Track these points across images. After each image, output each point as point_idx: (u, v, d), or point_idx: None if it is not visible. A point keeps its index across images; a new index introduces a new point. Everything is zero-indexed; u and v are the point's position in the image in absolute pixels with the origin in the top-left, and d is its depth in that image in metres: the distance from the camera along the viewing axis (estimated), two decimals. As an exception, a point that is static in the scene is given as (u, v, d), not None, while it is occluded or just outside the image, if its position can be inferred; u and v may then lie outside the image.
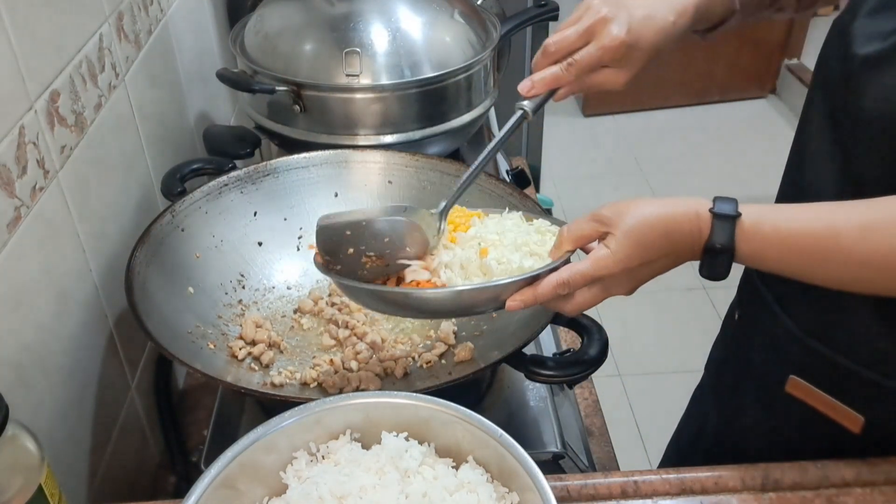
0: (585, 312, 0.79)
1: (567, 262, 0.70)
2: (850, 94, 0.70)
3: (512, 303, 0.69)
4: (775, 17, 0.93)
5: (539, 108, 0.79)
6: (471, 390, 0.92)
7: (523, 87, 0.78)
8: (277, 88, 1.13)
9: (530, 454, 0.60)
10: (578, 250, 0.72)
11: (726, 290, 0.99)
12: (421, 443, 0.66)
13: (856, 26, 0.71)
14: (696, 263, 0.69)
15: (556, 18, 1.55)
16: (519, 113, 0.77)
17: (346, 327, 0.94)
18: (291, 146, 1.17)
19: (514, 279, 0.69)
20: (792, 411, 0.84)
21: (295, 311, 0.97)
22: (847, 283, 0.67)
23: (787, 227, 0.65)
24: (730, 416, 0.98)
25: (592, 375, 0.77)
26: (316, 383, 0.87)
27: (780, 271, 0.68)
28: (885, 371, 0.75)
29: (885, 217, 0.63)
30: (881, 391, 0.76)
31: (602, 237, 0.68)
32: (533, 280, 0.69)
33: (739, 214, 0.66)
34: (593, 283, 0.69)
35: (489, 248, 0.73)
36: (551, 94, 0.79)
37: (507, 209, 0.80)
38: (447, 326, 0.93)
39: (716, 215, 0.66)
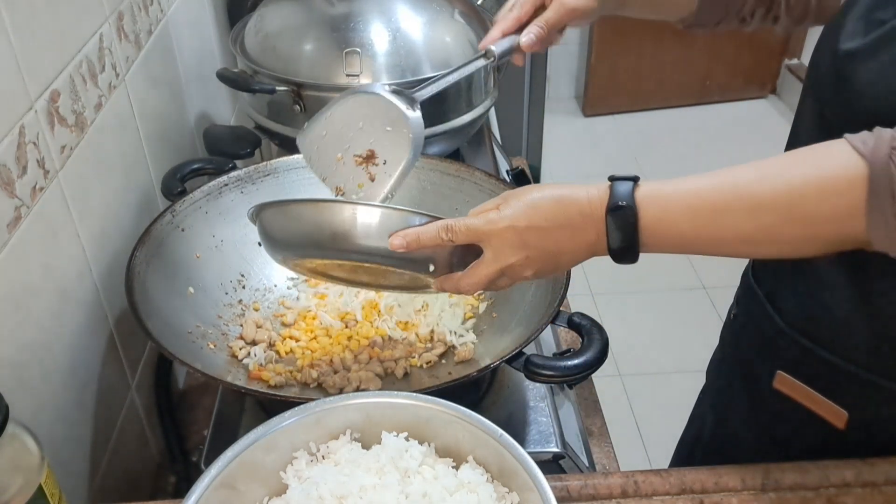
0: (585, 312, 0.79)
1: None
2: (838, 90, 0.71)
3: (395, 239, 0.68)
4: (748, 28, 0.93)
5: (502, 58, 0.84)
6: (471, 390, 0.92)
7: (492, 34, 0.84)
8: (277, 88, 1.13)
9: (530, 454, 0.60)
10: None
11: (726, 291, 0.99)
12: (421, 443, 0.66)
13: (845, 26, 0.72)
14: (695, 264, 0.68)
15: (556, 18, 1.55)
16: (485, 52, 0.83)
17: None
18: (291, 146, 1.17)
19: (405, 209, 0.68)
20: (780, 408, 0.85)
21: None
22: (753, 239, 0.65)
23: (686, 187, 0.65)
24: (723, 416, 0.99)
25: (592, 375, 0.76)
26: (316, 383, 0.87)
27: (688, 238, 0.66)
28: (866, 365, 0.76)
29: (779, 160, 0.63)
30: (863, 385, 0.77)
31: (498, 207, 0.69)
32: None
33: (638, 178, 0.66)
34: (486, 248, 0.68)
35: None
36: (511, 52, 0.84)
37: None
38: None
39: (614, 179, 0.66)
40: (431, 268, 0.70)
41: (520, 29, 0.85)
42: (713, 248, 0.67)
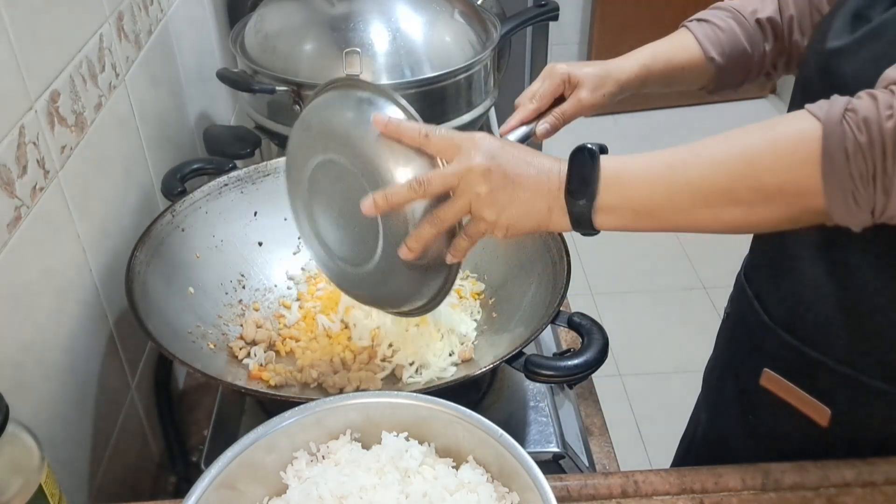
0: (585, 312, 0.79)
1: None
2: (823, 86, 0.71)
3: (366, 200, 0.70)
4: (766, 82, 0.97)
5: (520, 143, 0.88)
6: (471, 390, 0.92)
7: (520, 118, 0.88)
8: (277, 88, 1.13)
9: (530, 454, 0.60)
10: None
11: (726, 291, 0.99)
12: (421, 443, 0.66)
13: (833, 26, 0.73)
14: (695, 264, 0.69)
15: (555, 18, 1.55)
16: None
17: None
18: (291, 146, 1.17)
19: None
20: (766, 405, 0.86)
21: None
22: (709, 200, 0.64)
23: (643, 156, 0.67)
24: (715, 414, 1.00)
25: (592, 375, 0.77)
26: (316, 383, 0.87)
27: (645, 197, 0.66)
28: (848, 362, 0.77)
29: (740, 129, 0.64)
30: (846, 383, 0.78)
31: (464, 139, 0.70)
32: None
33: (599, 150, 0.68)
34: (457, 157, 0.69)
35: None
36: (526, 139, 0.88)
37: None
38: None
39: (575, 150, 0.68)
40: (410, 228, 0.72)
41: (538, 118, 0.89)
42: (671, 214, 0.66)
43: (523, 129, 0.89)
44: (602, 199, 0.66)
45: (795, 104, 0.80)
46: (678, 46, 0.93)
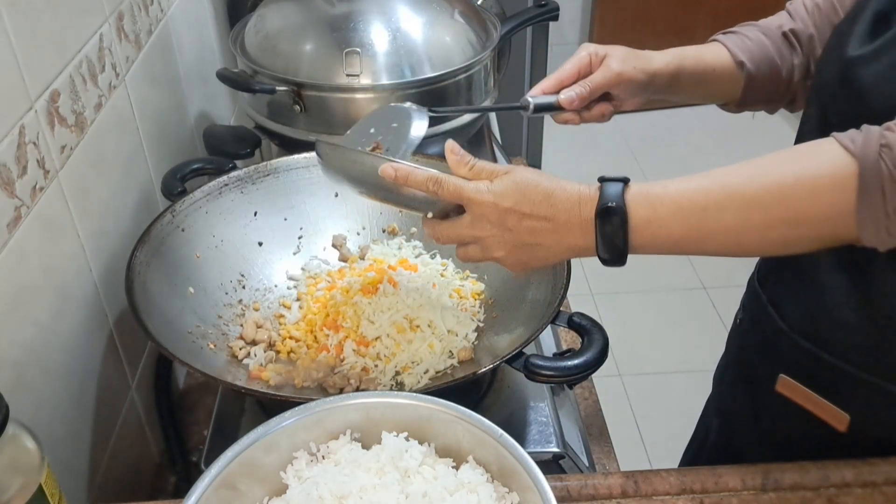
0: (585, 312, 0.79)
1: None
2: (842, 94, 0.71)
3: (387, 168, 0.70)
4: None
5: (540, 112, 0.88)
6: (471, 390, 0.92)
7: (545, 88, 0.88)
8: (277, 88, 1.13)
9: (530, 454, 0.60)
10: None
11: (726, 291, 1.00)
12: (421, 443, 0.66)
13: (852, 34, 0.72)
14: (695, 264, 0.68)
15: (556, 18, 1.55)
16: (521, 102, 0.88)
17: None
18: (291, 146, 1.17)
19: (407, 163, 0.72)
20: (782, 411, 0.85)
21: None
22: (743, 238, 0.64)
23: (675, 187, 0.65)
24: (727, 420, 0.99)
25: (592, 375, 0.77)
26: (316, 383, 0.87)
27: (678, 239, 0.66)
28: (867, 367, 0.76)
29: (769, 160, 0.64)
30: (864, 387, 0.77)
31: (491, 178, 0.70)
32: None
33: (628, 180, 0.66)
34: (467, 212, 0.70)
35: None
36: (552, 108, 0.88)
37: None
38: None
39: (603, 180, 0.66)
40: (430, 214, 0.74)
41: (560, 91, 0.88)
42: (703, 248, 0.67)
43: (546, 98, 0.88)
44: (632, 247, 0.66)
45: (811, 110, 0.80)
46: (707, 51, 0.92)
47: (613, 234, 0.65)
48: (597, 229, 0.66)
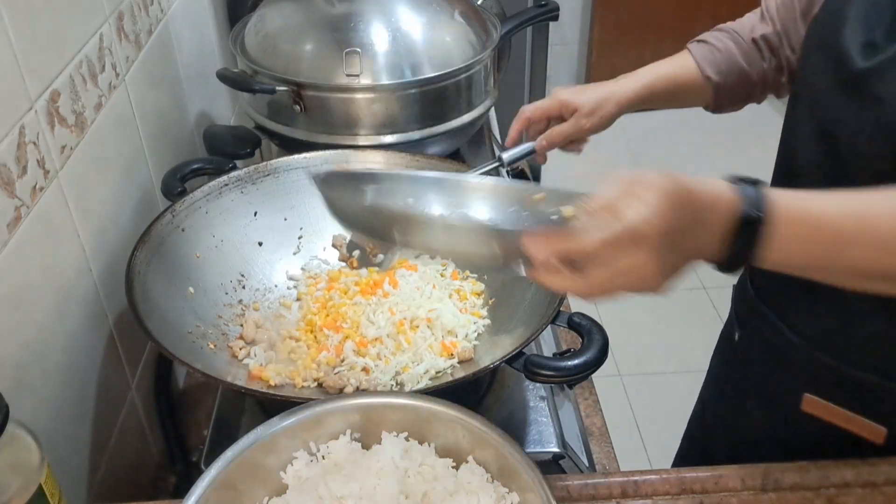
0: (585, 312, 0.79)
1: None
2: (852, 107, 0.69)
3: (530, 244, 0.56)
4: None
5: (514, 162, 1.01)
6: (471, 390, 0.92)
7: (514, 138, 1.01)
8: (278, 88, 1.13)
9: (530, 454, 0.60)
10: None
11: (726, 291, 0.99)
12: (421, 443, 0.66)
13: (844, 42, 0.71)
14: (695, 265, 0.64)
15: (555, 18, 1.56)
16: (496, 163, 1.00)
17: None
18: (291, 146, 1.17)
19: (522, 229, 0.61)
20: (810, 430, 0.83)
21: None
22: (878, 276, 0.59)
23: (814, 209, 0.58)
24: (739, 439, 0.96)
25: (592, 375, 0.76)
26: (316, 383, 0.87)
27: (806, 262, 0.59)
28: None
29: (882, 196, 0.58)
30: None
31: (622, 197, 0.54)
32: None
33: (759, 181, 0.59)
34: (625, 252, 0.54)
35: None
36: (530, 153, 1.01)
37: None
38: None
39: (740, 180, 0.58)
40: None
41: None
42: (828, 276, 0.61)
43: (525, 147, 0.99)
44: (760, 261, 0.59)
45: (798, 119, 0.79)
46: (679, 66, 0.97)
47: (750, 241, 0.57)
48: (740, 230, 0.56)
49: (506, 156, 1.00)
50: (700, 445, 1.08)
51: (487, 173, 0.99)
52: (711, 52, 0.95)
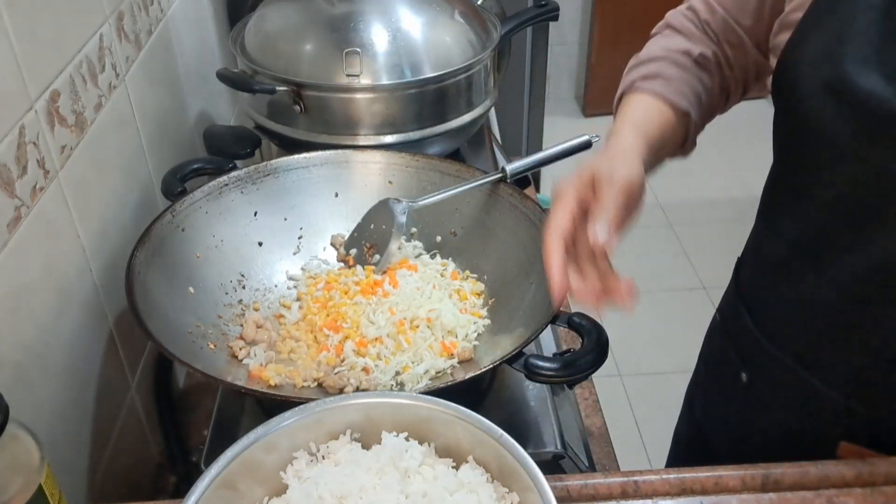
0: (585, 312, 0.79)
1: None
2: (865, 126, 0.65)
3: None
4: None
5: (517, 175, 1.01)
6: (471, 390, 0.92)
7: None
8: (278, 88, 1.13)
9: (530, 454, 0.60)
10: None
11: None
12: (421, 443, 0.66)
13: (860, 82, 0.65)
14: (695, 264, 0.66)
15: (556, 18, 1.56)
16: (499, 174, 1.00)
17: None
18: (291, 146, 1.17)
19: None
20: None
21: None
22: None
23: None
24: (739, 442, 0.94)
25: (592, 375, 0.77)
26: (316, 383, 0.87)
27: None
28: None
29: None
30: None
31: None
32: None
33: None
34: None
35: None
36: (534, 167, 1.03)
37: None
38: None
39: None
40: None
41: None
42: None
43: (530, 160, 1.01)
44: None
45: (790, 127, 0.77)
46: (658, 119, 0.84)
47: None
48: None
49: (509, 168, 0.99)
50: (693, 447, 1.07)
51: (490, 184, 0.99)
52: (677, 87, 0.85)
